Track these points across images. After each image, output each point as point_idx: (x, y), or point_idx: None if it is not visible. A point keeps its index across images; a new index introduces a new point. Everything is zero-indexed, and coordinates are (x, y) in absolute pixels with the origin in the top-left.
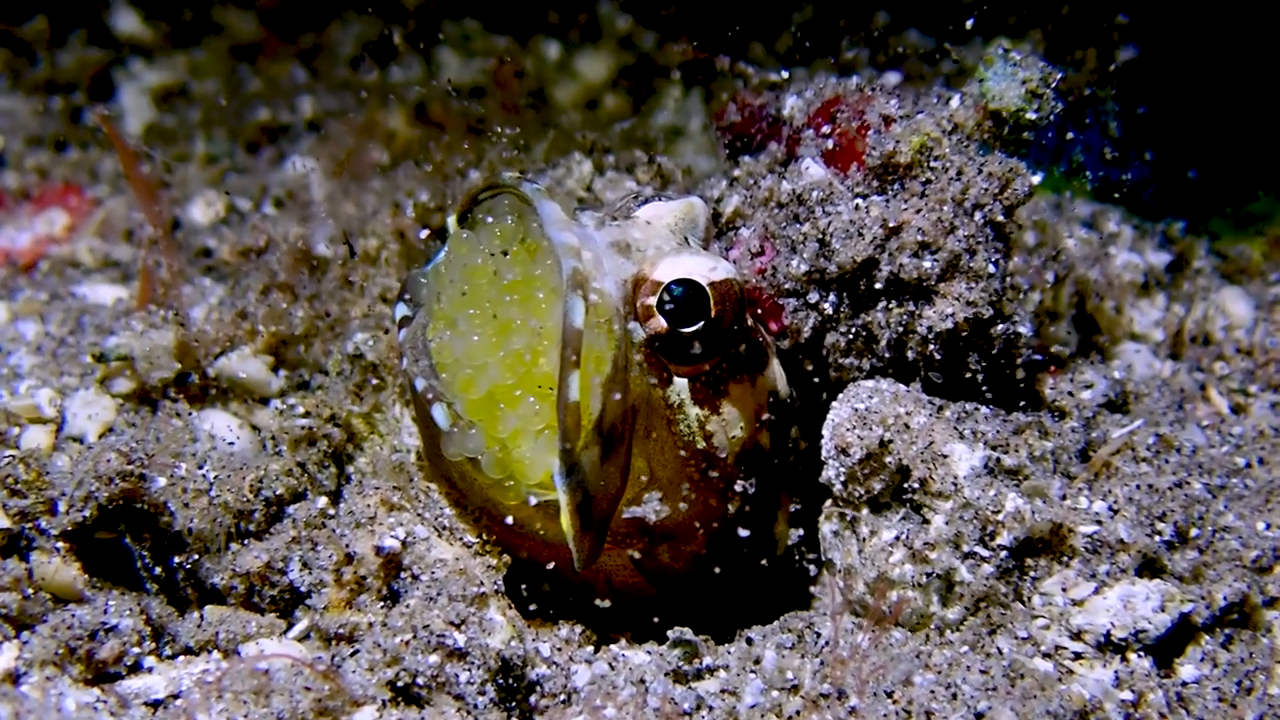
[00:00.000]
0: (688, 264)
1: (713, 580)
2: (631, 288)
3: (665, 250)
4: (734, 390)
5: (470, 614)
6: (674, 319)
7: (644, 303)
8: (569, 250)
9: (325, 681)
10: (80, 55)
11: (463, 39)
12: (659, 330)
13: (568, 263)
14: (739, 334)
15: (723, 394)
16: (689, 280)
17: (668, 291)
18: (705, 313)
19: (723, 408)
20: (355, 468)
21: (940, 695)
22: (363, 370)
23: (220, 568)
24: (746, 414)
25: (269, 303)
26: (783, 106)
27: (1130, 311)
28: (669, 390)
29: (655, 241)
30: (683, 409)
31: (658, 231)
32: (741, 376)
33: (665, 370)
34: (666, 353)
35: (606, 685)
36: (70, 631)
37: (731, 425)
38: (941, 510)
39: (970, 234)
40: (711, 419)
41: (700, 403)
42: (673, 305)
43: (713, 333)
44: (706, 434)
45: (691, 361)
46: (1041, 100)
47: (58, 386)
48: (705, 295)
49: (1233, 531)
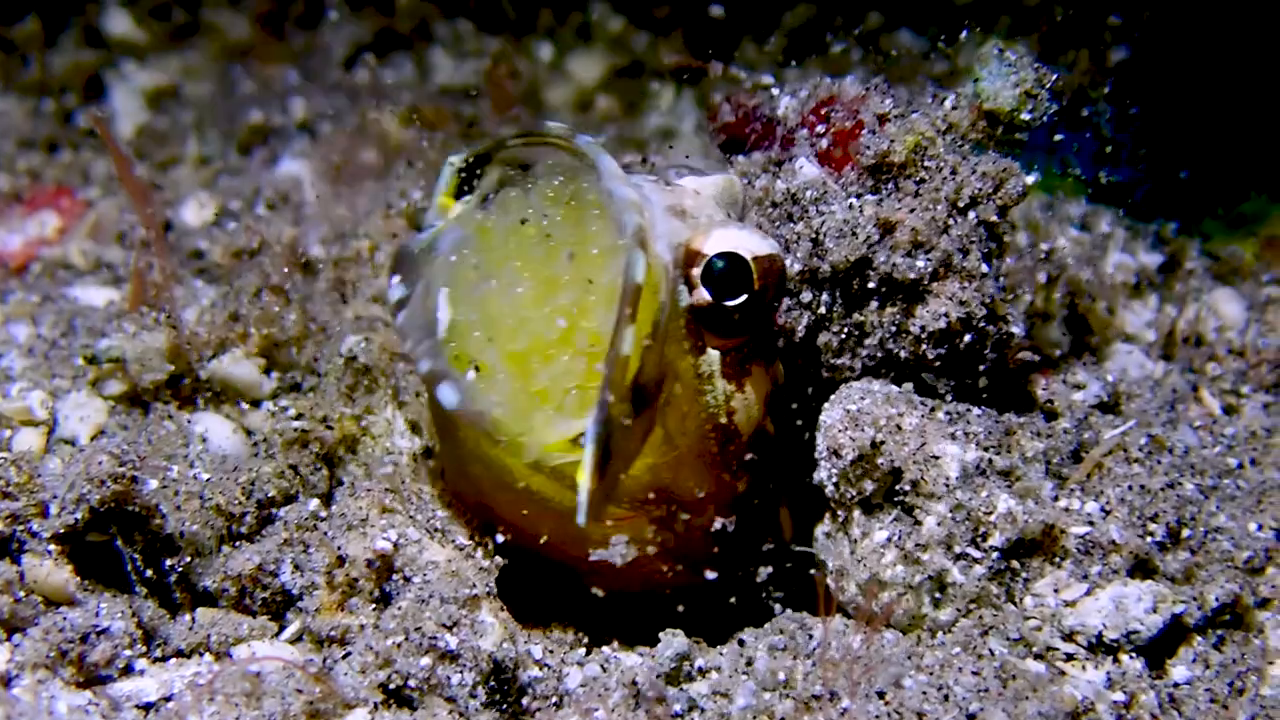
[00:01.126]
0: (736, 237)
1: (722, 565)
2: (683, 254)
3: (715, 220)
4: (755, 371)
5: (462, 616)
6: (718, 291)
7: (690, 271)
8: (633, 205)
9: (317, 684)
10: (72, 57)
11: (455, 40)
12: (703, 302)
13: (631, 217)
14: (774, 311)
15: (747, 373)
16: (734, 254)
17: (712, 264)
18: (749, 286)
19: (746, 386)
20: (347, 470)
21: (932, 696)
22: (355, 373)
23: (212, 570)
24: (761, 397)
25: (261, 305)
26: (777, 106)
27: (1122, 312)
28: (701, 360)
29: (707, 210)
30: (712, 380)
31: (706, 202)
32: (760, 360)
33: (700, 340)
34: (707, 323)
35: (598, 687)
36: (62, 634)
37: (753, 405)
38: (933, 511)
39: (964, 233)
40: (736, 395)
41: (729, 377)
42: (719, 277)
43: (755, 307)
44: (730, 410)
45: (729, 334)
46: (1036, 101)
47: (49, 389)
48: (749, 269)
49: (1225, 532)
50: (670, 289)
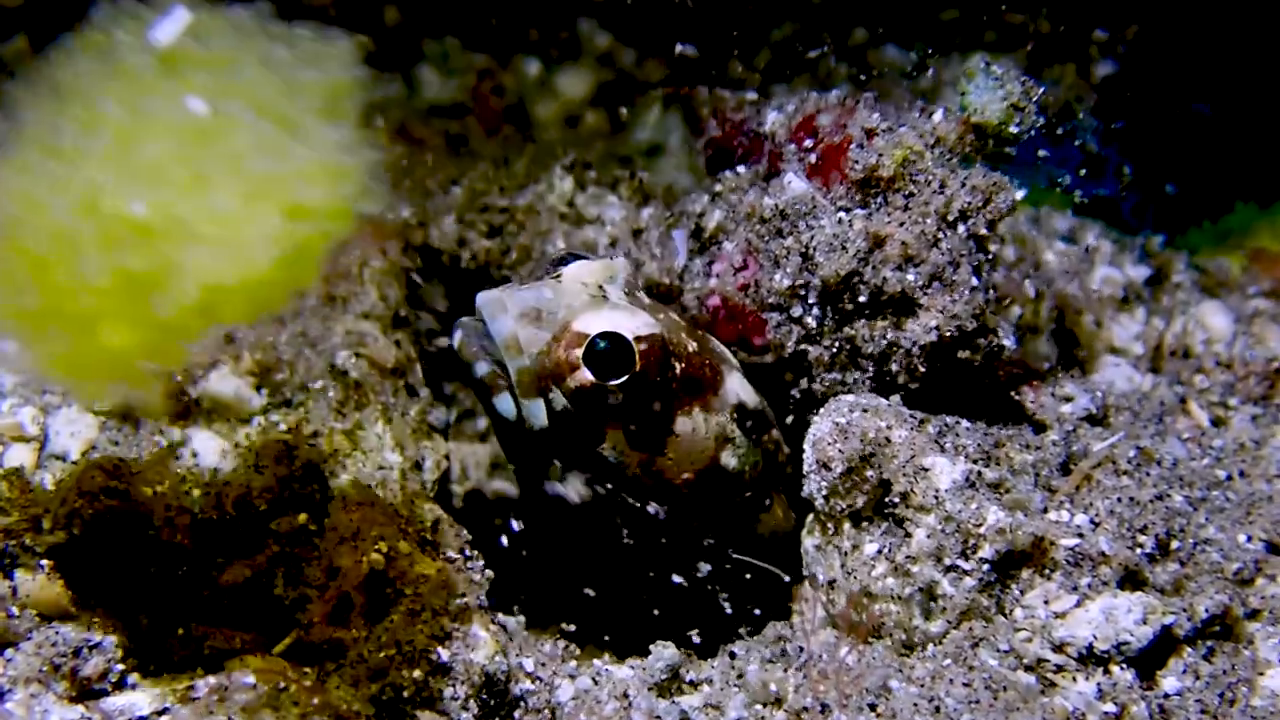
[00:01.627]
0: (610, 318)
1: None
2: (548, 350)
3: (577, 306)
4: (680, 423)
5: (454, 629)
6: (599, 372)
7: (570, 354)
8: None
9: (310, 697)
10: None
11: (442, 56)
12: (584, 384)
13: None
14: (664, 384)
15: (667, 433)
16: (614, 334)
17: (592, 345)
18: (630, 366)
19: (669, 448)
20: (338, 484)
21: (923, 708)
22: (345, 387)
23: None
24: (698, 444)
25: (256, 328)
26: (764, 121)
27: (1110, 325)
28: (601, 447)
29: (565, 300)
30: (622, 460)
31: (568, 288)
32: (688, 405)
33: (598, 425)
34: (590, 404)
35: (590, 700)
36: (54, 649)
37: (682, 461)
38: (923, 524)
39: (953, 247)
40: (657, 460)
41: (640, 448)
42: (598, 358)
43: (638, 386)
44: (653, 474)
45: (616, 415)
46: (1023, 114)
47: (40, 404)
48: (630, 349)
49: (1214, 544)
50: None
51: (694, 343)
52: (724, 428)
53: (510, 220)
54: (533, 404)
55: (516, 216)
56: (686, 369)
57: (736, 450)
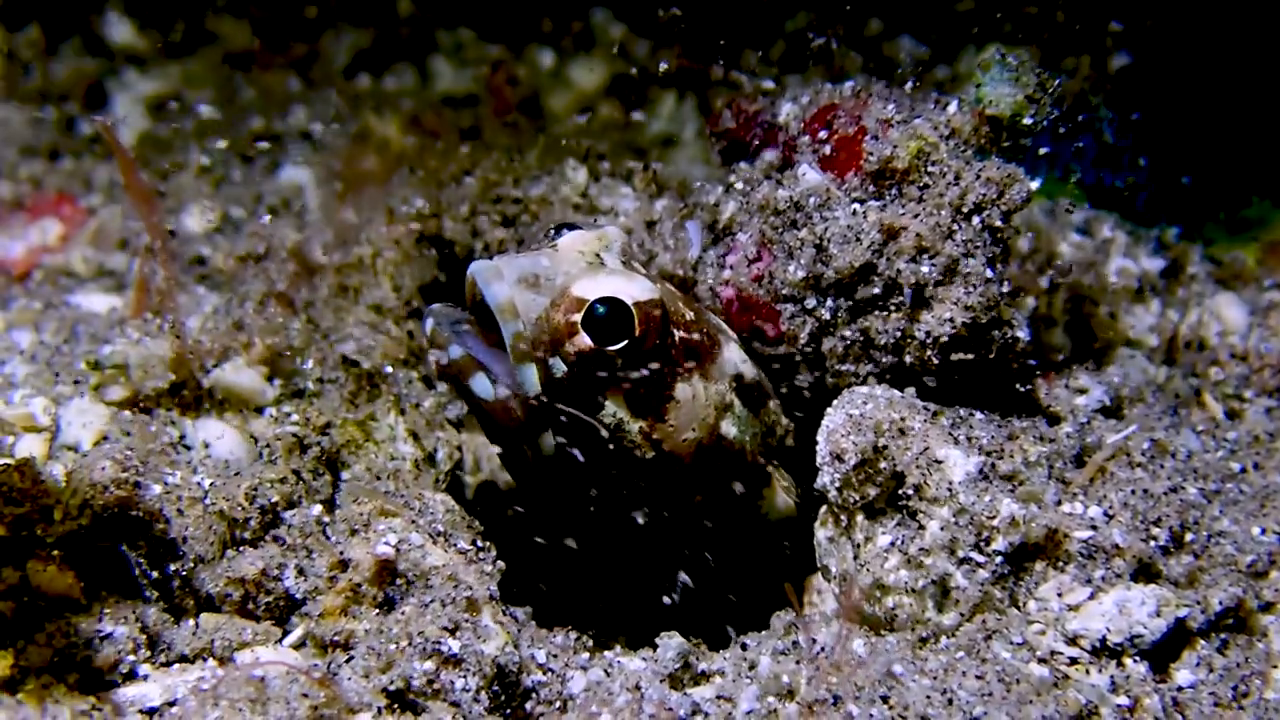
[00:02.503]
0: (609, 283)
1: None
2: (547, 316)
3: (575, 273)
4: (679, 389)
5: (465, 620)
6: (599, 337)
7: (568, 319)
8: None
9: (321, 689)
10: (74, 65)
11: (456, 48)
12: (583, 349)
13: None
14: (663, 349)
15: (667, 399)
16: (613, 298)
17: (593, 309)
18: (630, 331)
19: (669, 414)
20: (350, 474)
21: (936, 701)
22: (357, 378)
23: (215, 575)
24: (699, 412)
25: (265, 314)
26: (778, 112)
27: (1125, 317)
28: (602, 414)
29: (563, 266)
30: (623, 426)
31: (564, 256)
32: (688, 372)
33: (599, 389)
34: (590, 369)
35: (602, 692)
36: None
37: (682, 428)
38: (937, 516)
39: (968, 239)
40: (657, 427)
41: (641, 414)
42: (598, 323)
43: (637, 350)
44: (654, 442)
45: (616, 381)
46: (1038, 106)
47: (52, 395)
48: (629, 313)
49: (1228, 536)
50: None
51: (690, 311)
52: (723, 396)
53: (524, 211)
54: (525, 369)
55: (530, 207)
56: (685, 336)
57: (736, 419)
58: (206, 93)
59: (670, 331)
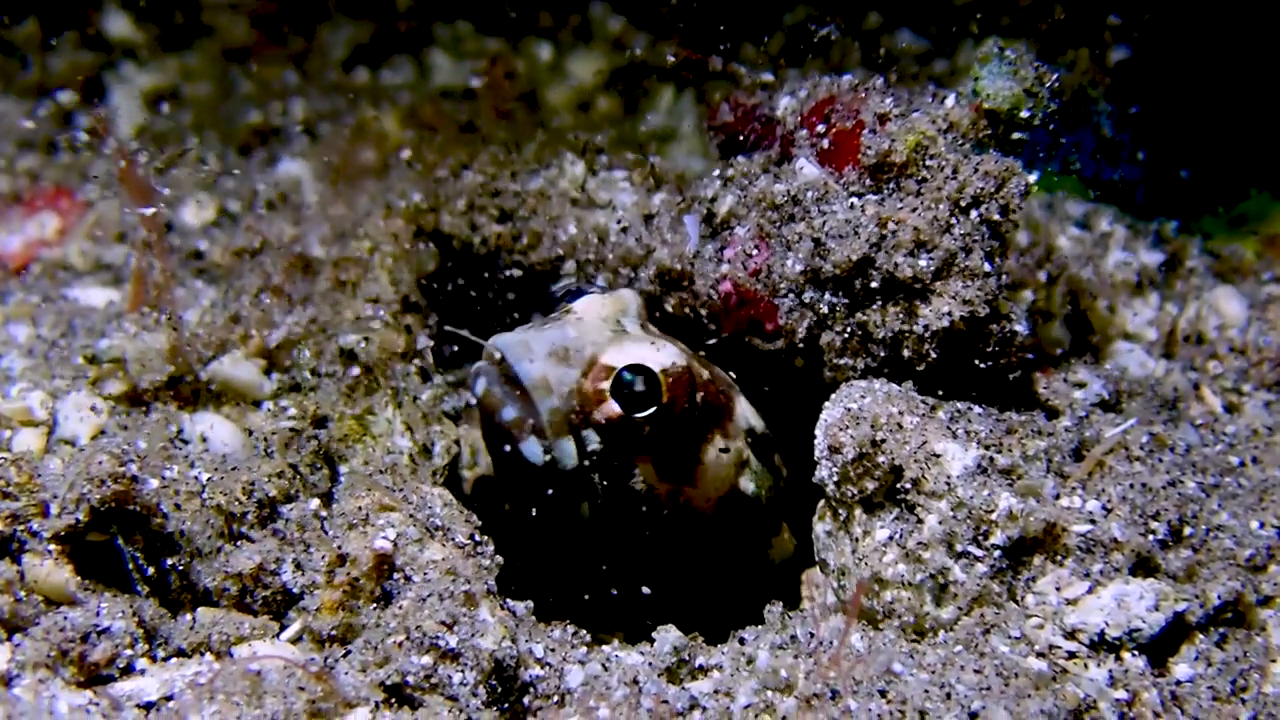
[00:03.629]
0: (636, 351)
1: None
2: (578, 387)
3: (601, 341)
4: (707, 452)
5: (462, 614)
6: (627, 404)
7: (597, 387)
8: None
9: (318, 683)
10: (71, 58)
11: (454, 41)
12: (612, 416)
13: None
14: (689, 415)
15: (695, 462)
16: (641, 366)
17: (620, 376)
18: (658, 398)
19: (697, 477)
20: (348, 469)
21: (934, 695)
22: (356, 372)
23: (213, 569)
24: (722, 471)
25: (262, 307)
26: (776, 106)
27: (1123, 311)
28: (633, 481)
29: (590, 336)
30: (652, 492)
31: (589, 325)
32: (710, 433)
33: (628, 457)
34: (619, 437)
35: (600, 686)
36: (62, 634)
37: (708, 488)
38: (935, 510)
39: (966, 232)
40: (685, 490)
41: (670, 478)
42: (626, 391)
43: (665, 418)
44: (681, 505)
45: (645, 447)
46: (1036, 100)
47: (49, 389)
48: (657, 381)
49: (1226, 530)
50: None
51: (705, 371)
52: (740, 453)
53: (521, 205)
54: (563, 442)
55: (528, 201)
56: (705, 397)
57: (753, 474)
58: (204, 86)
59: (695, 395)
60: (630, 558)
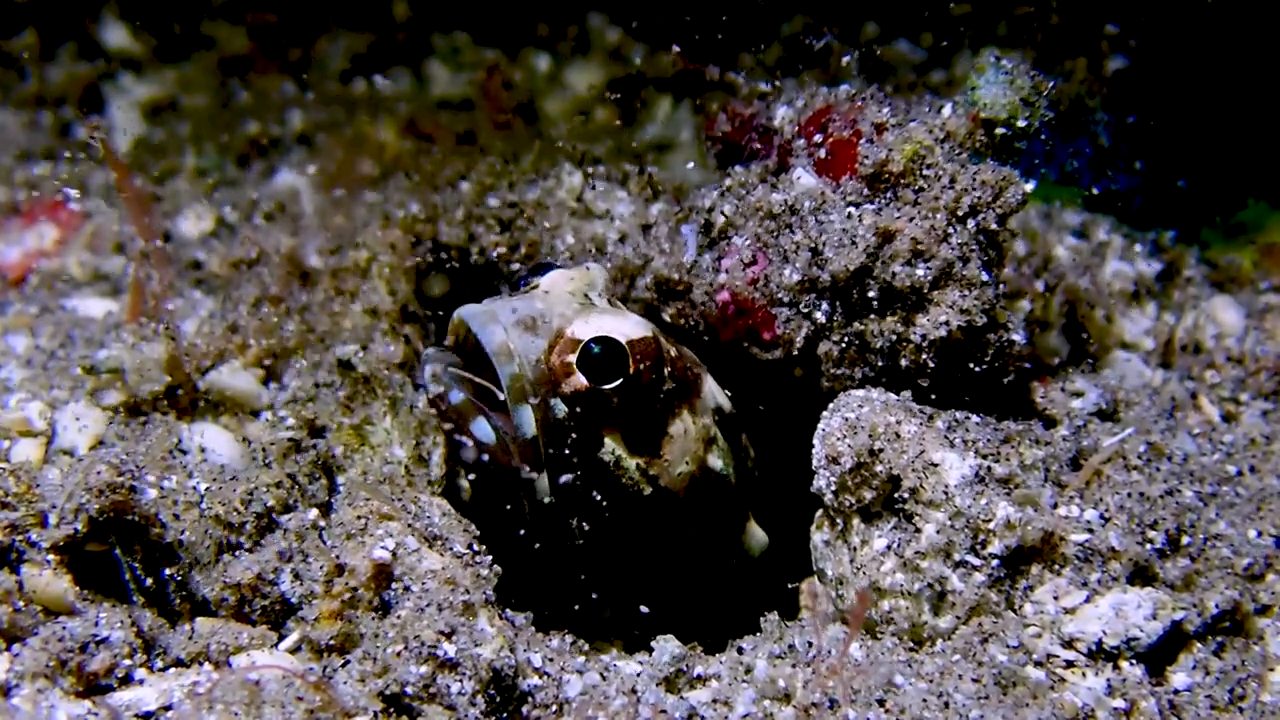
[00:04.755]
0: (603, 323)
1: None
2: (545, 358)
3: (569, 314)
4: (673, 425)
5: (461, 624)
6: (595, 376)
7: (564, 360)
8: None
9: (317, 692)
10: (69, 69)
11: (452, 51)
12: (580, 388)
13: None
14: (657, 386)
15: (662, 434)
16: (607, 338)
17: (587, 349)
18: (625, 369)
19: (664, 449)
20: (346, 479)
21: (932, 704)
22: (353, 382)
23: (211, 580)
24: (690, 446)
25: (260, 316)
26: (773, 116)
27: (1121, 320)
28: (601, 453)
29: (557, 309)
30: (621, 464)
31: (557, 298)
32: (678, 407)
33: (596, 428)
34: (587, 409)
35: (598, 695)
36: (61, 644)
37: (677, 463)
38: (932, 519)
39: (964, 242)
40: (654, 463)
41: (639, 451)
42: (594, 362)
43: (633, 389)
44: (651, 478)
45: (613, 419)
46: (1033, 109)
47: (48, 400)
48: (624, 352)
49: (1224, 539)
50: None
51: (674, 348)
52: (708, 429)
53: (519, 215)
54: (522, 411)
55: (525, 211)
56: (673, 371)
57: (721, 451)
58: (202, 97)
59: (663, 367)
60: (603, 542)
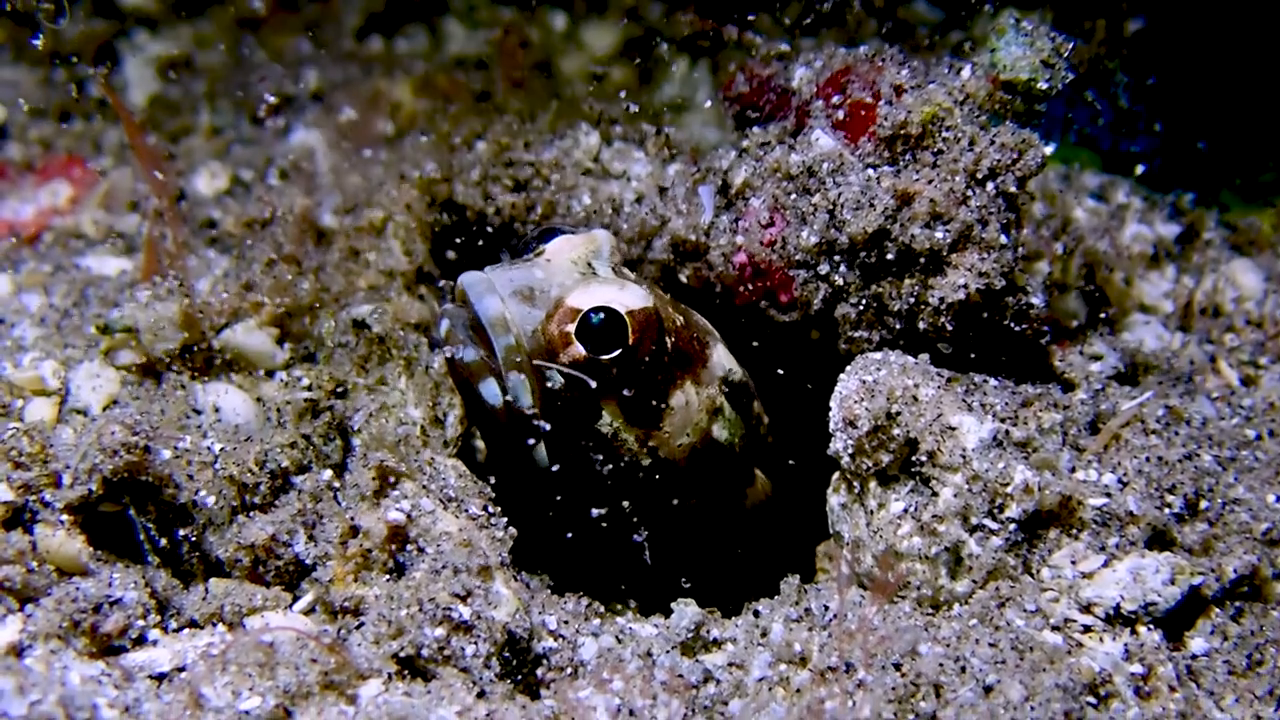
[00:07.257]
0: (603, 292)
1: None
2: (543, 328)
3: (569, 284)
4: (674, 397)
5: (476, 586)
6: (593, 346)
7: (563, 329)
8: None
9: (331, 654)
10: (84, 26)
11: (468, 10)
12: (578, 358)
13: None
14: (657, 358)
15: (662, 406)
16: (607, 308)
17: (585, 320)
18: (624, 340)
19: (664, 421)
20: (360, 440)
21: (949, 668)
22: (368, 342)
23: (225, 540)
24: (692, 417)
25: (274, 274)
26: (792, 77)
27: (1140, 283)
28: (599, 424)
29: (557, 278)
30: (619, 435)
31: (558, 266)
32: (680, 378)
33: (594, 399)
34: (587, 379)
35: (613, 658)
36: (75, 605)
37: (677, 435)
38: (950, 483)
39: (982, 204)
40: (653, 435)
41: (637, 422)
42: (592, 333)
43: (631, 360)
44: (650, 450)
45: (611, 390)
46: (1053, 70)
47: (62, 359)
48: (623, 322)
49: (1243, 504)
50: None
51: (680, 316)
52: (714, 399)
53: (535, 175)
54: (517, 379)
55: (542, 172)
56: (676, 342)
57: (726, 422)
58: (217, 54)
59: (664, 339)
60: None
